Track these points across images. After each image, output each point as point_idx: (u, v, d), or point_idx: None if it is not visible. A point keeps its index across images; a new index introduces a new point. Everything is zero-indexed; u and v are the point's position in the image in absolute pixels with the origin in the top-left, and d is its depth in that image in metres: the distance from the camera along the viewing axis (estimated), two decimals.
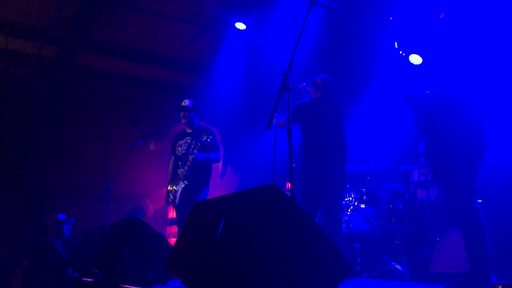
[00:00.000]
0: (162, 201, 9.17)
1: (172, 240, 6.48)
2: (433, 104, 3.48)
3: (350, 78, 6.79)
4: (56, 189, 7.78)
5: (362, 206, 5.89)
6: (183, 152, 5.48)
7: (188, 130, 5.62)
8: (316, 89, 4.71)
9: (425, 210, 5.39)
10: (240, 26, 7.51)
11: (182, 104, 5.54)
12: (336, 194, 4.56)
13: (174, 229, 8.67)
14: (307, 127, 4.60)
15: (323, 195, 4.47)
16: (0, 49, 7.57)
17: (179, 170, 5.41)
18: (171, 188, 5.51)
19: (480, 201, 3.44)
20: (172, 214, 8.97)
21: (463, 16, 3.57)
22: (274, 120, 3.23)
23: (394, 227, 5.54)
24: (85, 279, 4.43)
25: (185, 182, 5.29)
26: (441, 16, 3.55)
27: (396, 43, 4.04)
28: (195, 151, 5.16)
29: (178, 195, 5.37)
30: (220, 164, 8.83)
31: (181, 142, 5.59)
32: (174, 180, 5.53)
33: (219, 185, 9.48)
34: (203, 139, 5.13)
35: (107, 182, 6.69)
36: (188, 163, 5.22)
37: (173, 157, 5.70)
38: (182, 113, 5.53)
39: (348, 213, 5.85)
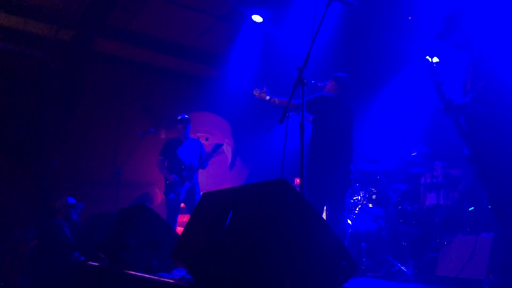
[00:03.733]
0: None
1: (181, 229, 6.56)
2: (476, 109, 3.31)
3: (365, 76, 6.73)
4: (66, 172, 7.84)
5: (370, 205, 5.86)
6: None
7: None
8: (338, 86, 4.69)
9: (433, 213, 5.34)
10: (257, 18, 7.47)
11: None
12: (340, 191, 4.51)
13: (183, 218, 8.71)
14: (323, 121, 4.53)
15: (328, 191, 4.44)
16: (18, 31, 7.60)
17: None
18: None
19: None
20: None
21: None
22: (289, 108, 3.23)
23: (401, 228, 5.50)
24: (91, 262, 4.46)
25: None
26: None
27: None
28: None
29: None
30: (229, 156, 8.84)
31: None
32: None
33: (228, 177, 9.49)
34: None
35: (117, 168, 6.73)
36: None
37: None
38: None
39: (356, 212, 5.82)
